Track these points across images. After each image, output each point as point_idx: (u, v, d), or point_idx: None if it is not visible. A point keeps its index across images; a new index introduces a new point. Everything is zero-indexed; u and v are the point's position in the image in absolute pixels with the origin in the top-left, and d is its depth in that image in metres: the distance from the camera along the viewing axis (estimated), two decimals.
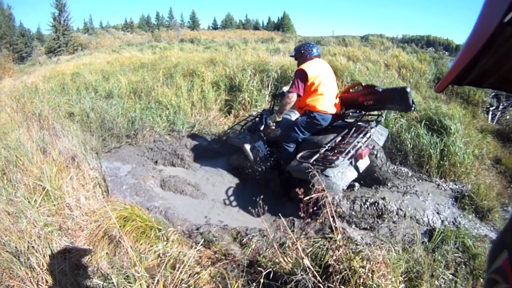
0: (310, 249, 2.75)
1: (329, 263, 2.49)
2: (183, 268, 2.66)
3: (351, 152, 3.76)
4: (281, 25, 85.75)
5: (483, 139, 6.09)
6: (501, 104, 9.12)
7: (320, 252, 2.71)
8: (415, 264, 2.84)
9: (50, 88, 10.02)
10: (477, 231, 3.80)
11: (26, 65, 30.62)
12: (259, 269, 2.68)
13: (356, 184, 4.48)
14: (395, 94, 3.95)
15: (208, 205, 4.56)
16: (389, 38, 28.68)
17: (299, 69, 4.19)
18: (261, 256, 2.98)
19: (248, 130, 5.27)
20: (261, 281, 2.48)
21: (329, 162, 3.66)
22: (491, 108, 8.92)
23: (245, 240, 3.46)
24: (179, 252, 3.01)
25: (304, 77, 4.15)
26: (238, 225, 3.95)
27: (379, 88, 4.14)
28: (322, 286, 2.35)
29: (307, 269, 2.42)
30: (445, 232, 3.47)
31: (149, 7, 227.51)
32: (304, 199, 2.96)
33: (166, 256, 2.94)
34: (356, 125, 4.33)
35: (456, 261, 3.12)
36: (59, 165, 4.09)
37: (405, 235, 3.67)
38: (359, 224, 4.02)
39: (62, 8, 45.48)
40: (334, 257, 2.52)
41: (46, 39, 50.81)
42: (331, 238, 2.81)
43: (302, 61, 4.41)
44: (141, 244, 3.15)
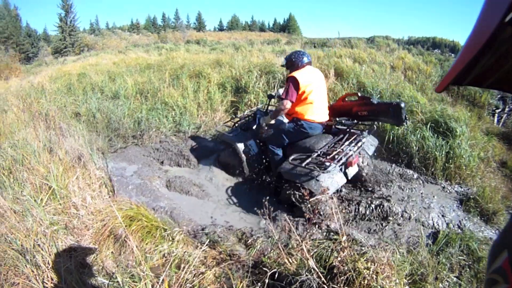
0: (315, 250, 2.76)
1: (334, 265, 2.50)
2: (188, 268, 2.66)
3: (343, 160, 3.82)
4: (287, 27, 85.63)
5: (489, 142, 6.06)
6: (507, 107, 9.03)
7: (325, 254, 2.71)
8: (420, 267, 2.83)
9: (57, 88, 10.04)
10: (482, 234, 3.79)
11: (33, 65, 30.69)
12: (264, 269, 2.69)
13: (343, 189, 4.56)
14: (390, 108, 4.08)
15: (213, 206, 4.56)
16: (395, 40, 28.50)
17: (291, 76, 4.21)
18: (266, 257, 2.99)
19: (241, 128, 5.30)
20: (266, 281, 2.48)
21: (322, 167, 3.72)
22: (497, 111, 8.85)
23: (250, 241, 3.47)
24: (184, 252, 3.02)
25: (296, 85, 4.17)
26: (243, 226, 3.96)
27: (374, 101, 4.26)
28: (327, 287, 2.36)
29: (312, 270, 2.43)
30: (450, 235, 3.48)
31: (155, 8, 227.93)
32: (310, 200, 2.99)
33: (171, 256, 2.95)
34: (349, 133, 4.42)
35: (461, 264, 3.11)
36: (66, 165, 4.12)
37: (410, 238, 3.68)
38: (364, 226, 4.02)
39: (69, 9, 45.63)
40: (339, 258, 2.53)
41: (53, 40, 50.97)
42: (336, 240, 2.82)
43: (294, 70, 4.43)
44: (147, 244, 3.16)
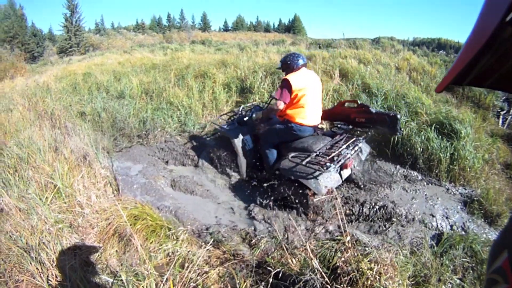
0: (319, 251, 2.76)
1: (337, 265, 2.51)
2: (192, 267, 2.67)
3: (341, 161, 3.90)
4: (292, 27, 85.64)
5: (493, 144, 6.03)
6: None
7: (329, 254, 2.72)
8: (423, 268, 2.84)
9: (62, 88, 10.10)
10: (486, 236, 3.78)
11: (38, 65, 30.78)
12: (268, 269, 2.70)
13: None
14: (387, 118, 4.30)
15: (218, 206, 4.58)
16: (400, 41, 28.44)
17: (285, 79, 4.24)
18: (270, 257, 3.00)
19: (238, 123, 5.32)
20: (270, 281, 2.49)
21: (322, 166, 3.78)
22: (502, 112, 8.80)
23: (254, 241, 3.48)
24: (188, 251, 3.02)
25: (290, 88, 4.20)
26: (247, 226, 3.98)
27: (372, 109, 4.45)
28: (330, 287, 2.36)
29: (316, 270, 2.44)
30: (454, 237, 3.47)
31: (161, 8, 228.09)
32: (315, 201, 3.02)
33: (175, 255, 2.95)
34: (346, 137, 4.52)
35: (464, 266, 3.11)
36: (71, 164, 4.15)
37: (414, 239, 3.67)
38: (368, 227, 4.03)
39: (74, 9, 45.89)
40: (343, 259, 2.54)
41: (58, 39, 51.20)
42: (340, 240, 2.82)
43: (289, 72, 4.44)
44: (151, 243, 3.17)
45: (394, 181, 4.94)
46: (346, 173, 4.45)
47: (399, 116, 4.26)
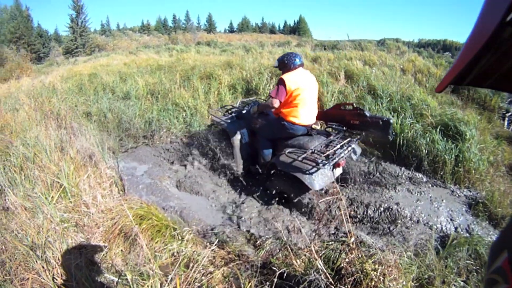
0: (323, 252, 2.77)
1: (342, 266, 2.51)
2: (197, 267, 2.68)
3: (336, 160, 3.99)
4: (297, 29, 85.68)
5: (499, 146, 6.01)
6: None
7: (333, 255, 2.72)
8: (427, 270, 2.83)
9: (68, 88, 10.16)
10: (491, 239, 3.77)
11: (44, 65, 30.96)
12: (273, 270, 2.71)
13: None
14: (380, 122, 4.45)
15: (223, 206, 4.59)
16: (405, 43, 28.33)
17: (281, 78, 4.30)
18: (274, 258, 3.01)
19: (237, 116, 5.40)
20: (274, 281, 2.50)
21: (318, 164, 3.86)
22: (507, 114, 8.76)
23: (259, 242, 3.50)
24: (193, 252, 3.03)
25: (285, 87, 4.28)
26: (252, 227, 4.00)
27: (367, 113, 4.59)
28: (334, 287, 2.37)
29: (320, 271, 2.44)
30: (458, 239, 3.46)
31: (166, 10, 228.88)
32: (320, 201, 3.04)
33: (180, 255, 2.96)
34: (341, 137, 4.62)
35: (468, 269, 3.10)
36: (77, 163, 4.17)
37: (418, 241, 3.67)
38: (373, 229, 4.04)
39: (80, 10, 46.11)
40: (347, 260, 2.54)
41: (64, 40, 51.45)
42: (344, 242, 2.83)
43: (286, 71, 4.49)
44: (156, 243, 3.18)
45: (399, 183, 4.93)
46: (338, 172, 4.57)
47: (392, 121, 4.43)
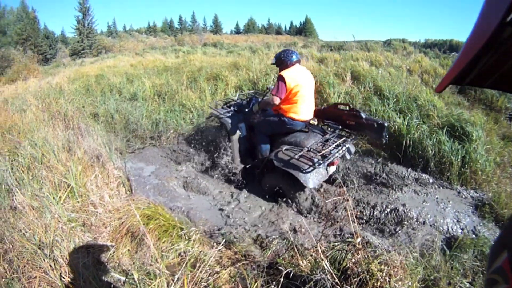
0: (330, 252, 2.77)
1: (348, 266, 2.51)
2: (204, 267, 2.69)
3: (330, 159, 4.14)
4: (304, 30, 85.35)
5: (505, 147, 5.97)
6: None
7: (339, 256, 2.73)
8: (433, 271, 2.84)
9: (75, 89, 10.24)
10: None
11: (51, 67, 31.11)
12: (279, 270, 2.72)
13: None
14: (375, 125, 4.52)
15: (230, 207, 4.60)
16: (412, 43, 28.22)
17: (281, 76, 4.41)
18: (281, 258, 3.01)
19: (235, 110, 5.47)
20: (281, 281, 2.51)
21: (314, 163, 4.01)
22: None
23: (266, 242, 3.51)
24: (200, 252, 3.04)
25: (285, 84, 4.37)
26: (259, 227, 4.01)
27: (363, 115, 4.67)
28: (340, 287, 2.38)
29: (326, 271, 2.45)
30: (464, 240, 3.45)
31: (172, 11, 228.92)
32: (327, 202, 3.06)
33: (187, 255, 2.97)
34: (336, 136, 4.77)
35: (474, 270, 3.09)
36: (84, 164, 4.21)
37: (424, 242, 3.67)
38: (379, 229, 4.04)
39: (86, 12, 46.29)
40: (353, 260, 2.55)
41: (70, 42, 51.56)
42: (350, 242, 2.83)
43: (283, 68, 4.59)
44: (163, 243, 3.20)
45: (406, 184, 4.94)
46: (332, 170, 4.65)
47: (387, 125, 4.48)
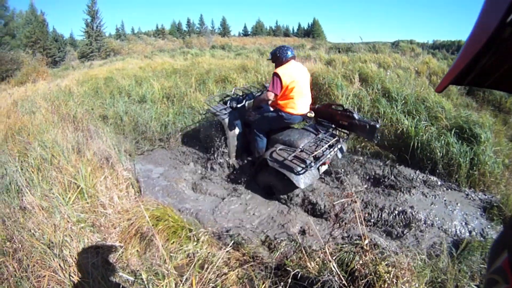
0: (337, 254, 2.78)
1: (355, 268, 2.52)
2: (212, 268, 2.72)
3: (323, 160, 4.35)
4: (311, 32, 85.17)
5: None
6: None
7: (347, 258, 2.73)
8: (440, 273, 2.83)
9: (84, 92, 10.32)
10: None
11: (60, 69, 31.30)
12: (288, 270, 2.73)
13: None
14: (367, 126, 4.60)
15: (239, 208, 4.61)
16: (420, 44, 28.06)
17: (276, 73, 4.54)
18: (289, 260, 3.02)
19: (231, 107, 5.51)
20: (288, 282, 2.52)
21: (307, 166, 4.17)
22: None
23: (274, 244, 3.52)
24: (208, 253, 3.06)
25: (280, 81, 4.50)
26: (267, 229, 4.03)
27: (356, 116, 4.76)
28: None
29: (334, 273, 2.46)
30: (472, 243, 3.44)
31: (180, 14, 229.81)
32: (335, 203, 3.08)
33: (196, 256, 2.99)
34: (329, 135, 4.96)
35: (482, 273, 3.08)
36: (94, 165, 4.25)
37: (432, 244, 3.66)
38: (386, 232, 4.04)
39: (95, 15, 46.57)
40: (361, 262, 2.55)
41: (79, 44, 51.98)
42: (358, 244, 2.84)
43: (279, 63, 4.74)
44: (172, 244, 3.22)
45: (414, 186, 4.92)
46: (323, 169, 4.85)
47: (378, 126, 4.55)
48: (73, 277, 2.67)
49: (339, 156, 5.29)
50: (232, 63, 12.45)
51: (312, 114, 5.15)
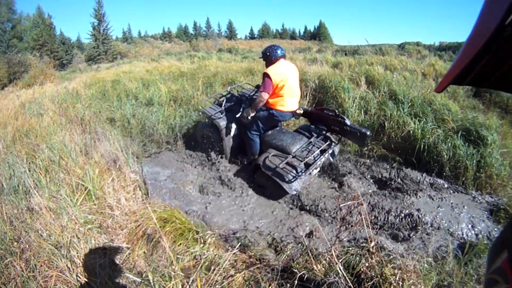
0: (344, 257, 2.78)
1: (361, 271, 2.53)
2: (218, 270, 2.74)
3: (314, 167, 4.52)
4: (318, 34, 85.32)
5: None
6: None
7: (353, 260, 2.74)
8: (447, 276, 2.83)
9: (91, 94, 10.38)
10: None
11: (67, 72, 31.48)
12: (294, 271, 2.74)
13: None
14: (358, 133, 4.79)
15: (245, 211, 4.61)
16: (426, 46, 27.85)
17: (266, 73, 4.70)
18: (295, 262, 3.03)
19: (226, 109, 5.63)
20: (295, 283, 2.53)
21: (298, 172, 4.39)
22: None
23: (280, 246, 3.53)
24: (215, 255, 3.08)
25: (270, 80, 4.64)
26: (273, 231, 4.04)
27: (348, 122, 4.91)
28: None
29: (340, 275, 2.46)
30: (479, 246, 3.43)
31: (187, 17, 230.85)
32: (342, 206, 3.10)
33: (202, 258, 3.01)
34: (322, 138, 5.14)
35: None
36: (101, 167, 4.29)
37: (438, 247, 3.65)
38: (393, 234, 4.03)
39: (102, 18, 47.02)
40: (367, 264, 2.56)
41: (86, 47, 52.44)
42: (364, 247, 2.84)
43: (269, 62, 4.93)
44: (179, 245, 3.24)
45: (420, 189, 4.90)
46: (315, 172, 5.12)
47: (369, 133, 4.74)
48: (80, 278, 2.69)
49: (331, 160, 5.48)
50: (239, 66, 12.49)
51: (301, 111, 5.32)
